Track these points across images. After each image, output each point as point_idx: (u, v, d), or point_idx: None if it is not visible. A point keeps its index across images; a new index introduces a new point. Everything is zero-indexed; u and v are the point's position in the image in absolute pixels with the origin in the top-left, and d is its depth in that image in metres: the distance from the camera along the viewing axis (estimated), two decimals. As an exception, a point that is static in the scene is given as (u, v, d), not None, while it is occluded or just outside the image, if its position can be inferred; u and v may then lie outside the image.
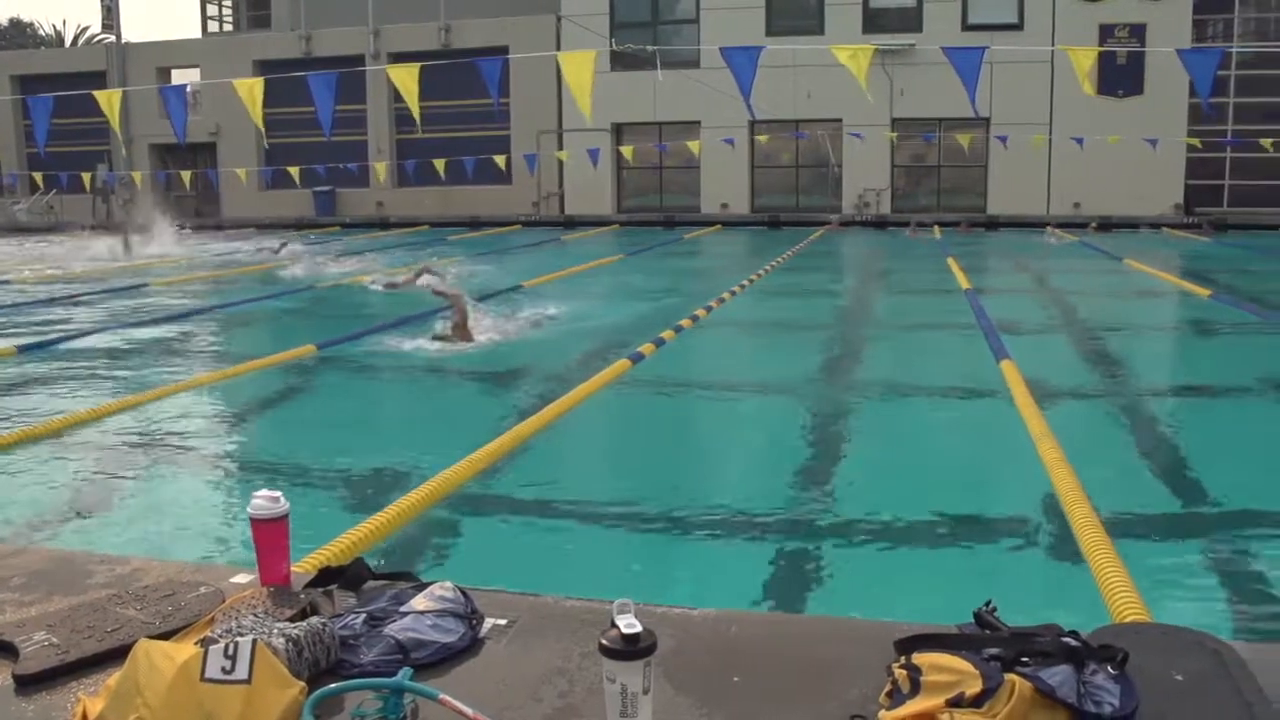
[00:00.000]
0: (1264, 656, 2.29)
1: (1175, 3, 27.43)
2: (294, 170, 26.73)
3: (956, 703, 1.86)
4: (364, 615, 2.44)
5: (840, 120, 28.13)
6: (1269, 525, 5.06)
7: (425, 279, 13.47)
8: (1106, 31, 27.57)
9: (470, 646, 2.38)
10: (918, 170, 30.42)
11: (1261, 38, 29.74)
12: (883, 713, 1.95)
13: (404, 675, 2.12)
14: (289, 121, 28.02)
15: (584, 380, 8.02)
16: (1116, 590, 3.76)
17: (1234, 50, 26.96)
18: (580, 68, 11.42)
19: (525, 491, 5.78)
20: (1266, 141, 24.78)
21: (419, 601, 2.48)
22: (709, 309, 12.20)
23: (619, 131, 30.75)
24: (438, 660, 2.30)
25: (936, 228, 26.34)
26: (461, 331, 10.02)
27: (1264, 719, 1.94)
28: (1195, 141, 26.47)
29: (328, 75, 11.46)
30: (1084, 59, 12.25)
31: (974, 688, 1.88)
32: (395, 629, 2.37)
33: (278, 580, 2.66)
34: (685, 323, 10.99)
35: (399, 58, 28.93)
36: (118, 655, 2.18)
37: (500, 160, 26.78)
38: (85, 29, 52.18)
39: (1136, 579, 3.90)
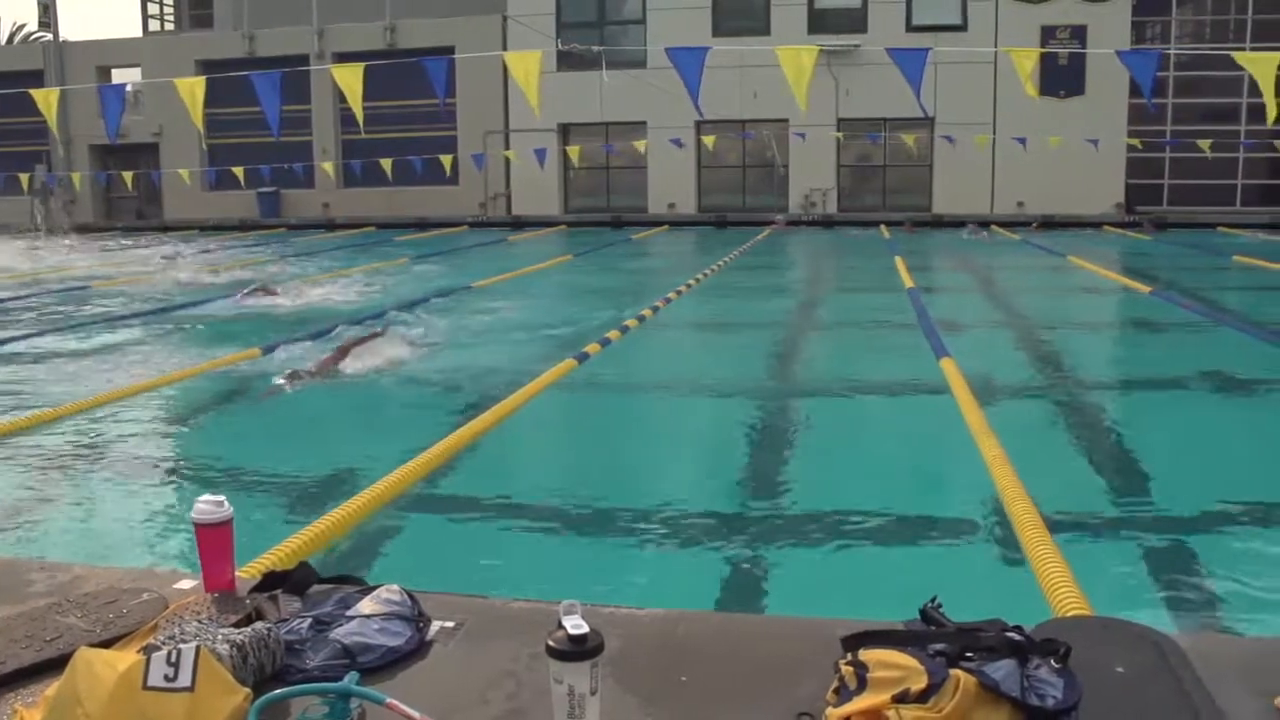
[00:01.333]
0: (1203, 647, 2.33)
1: (1115, 5, 27.85)
2: (238, 171, 26.41)
3: (902, 698, 1.88)
4: (310, 620, 2.41)
5: (787, 120, 28.23)
6: (1207, 518, 5.15)
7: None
8: (1048, 33, 27.93)
9: (417, 650, 2.37)
10: (864, 170, 30.63)
11: (1197, 40, 30.27)
12: (829, 710, 1.96)
13: (350, 679, 2.10)
14: (233, 122, 27.74)
15: (529, 381, 7.99)
16: (1057, 585, 3.81)
17: (1172, 52, 27.42)
18: (527, 67, 11.39)
19: (472, 493, 5.76)
20: (1204, 143, 25.23)
21: (365, 605, 2.46)
22: (655, 309, 12.22)
23: (566, 132, 30.70)
24: (385, 664, 2.29)
25: (882, 226, 26.62)
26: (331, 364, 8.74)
27: (1203, 708, 1.98)
28: (1136, 142, 26.89)
29: (272, 75, 11.33)
30: (1026, 60, 12.41)
31: (919, 683, 1.89)
32: (341, 633, 2.35)
33: (222, 586, 2.63)
34: (631, 323, 11.00)
35: (343, 57, 28.67)
36: (57, 665, 2.14)
37: (447, 161, 26.65)
38: (21, 26, 51.07)
39: (1077, 573, 3.95)
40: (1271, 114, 9.46)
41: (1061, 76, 27.33)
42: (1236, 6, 29.21)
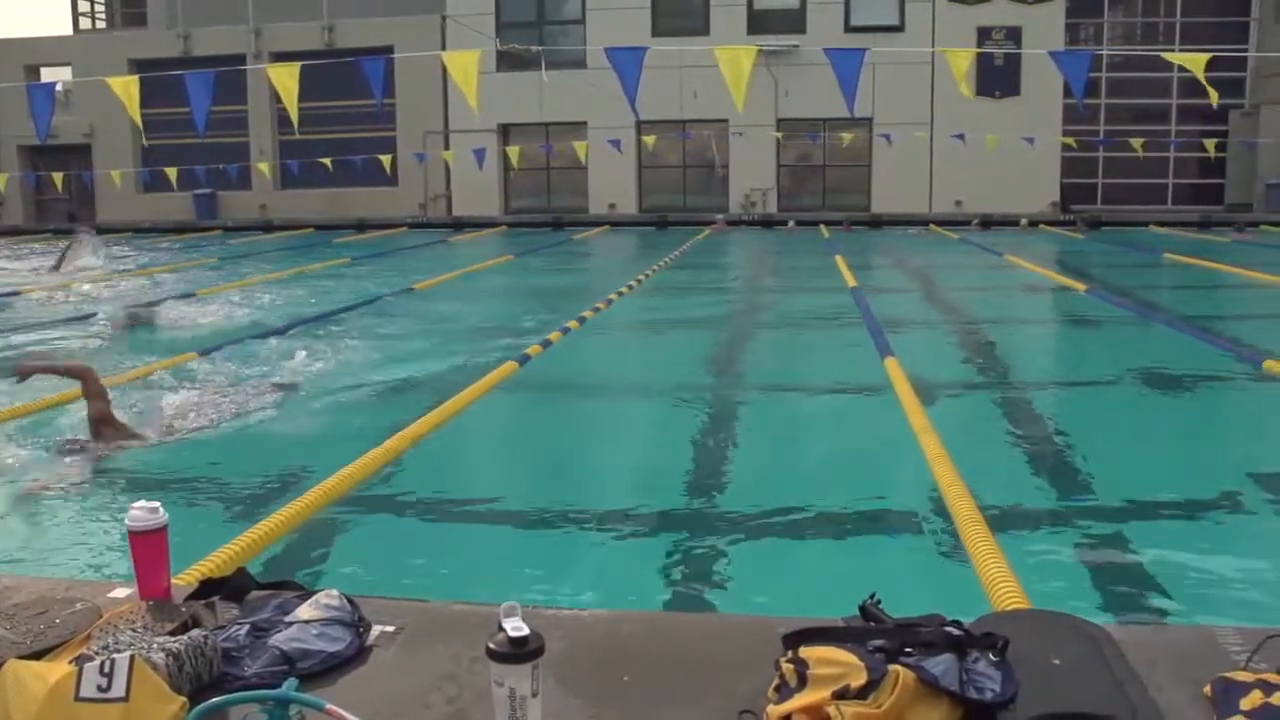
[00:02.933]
0: (1136, 638, 2.38)
1: (1049, 6, 28.27)
2: (172, 172, 25.99)
3: (842, 695, 1.90)
4: (248, 626, 2.39)
5: (726, 120, 28.33)
6: (1142, 511, 5.24)
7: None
8: (984, 34, 28.28)
9: (358, 654, 2.35)
10: (803, 169, 30.82)
11: (1129, 41, 30.84)
12: (771, 707, 1.97)
13: (289, 686, 2.08)
14: (168, 122, 27.25)
15: (470, 384, 7.95)
16: (997, 579, 3.85)
17: (1105, 53, 27.89)
18: (466, 67, 11.33)
19: (413, 496, 5.71)
20: (1136, 142, 25.69)
21: (304, 610, 2.44)
22: (597, 310, 12.21)
23: (506, 132, 30.59)
24: (324, 669, 2.27)
25: (823, 226, 26.85)
26: (107, 428, 6.50)
27: (1135, 697, 2.02)
28: (1070, 141, 27.30)
29: (205, 74, 11.16)
30: (961, 60, 12.56)
31: (859, 679, 1.91)
32: (280, 639, 2.33)
33: (157, 594, 2.60)
34: (573, 324, 10.98)
35: (280, 57, 28.34)
36: (-14, 678, 2.09)
37: (386, 161, 26.45)
38: (-53, 25, 50.07)
39: (1016, 567, 4.00)
40: (1214, 95, 9.79)
41: (997, 77, 27.70)
42: (1166, 9, 29.80)
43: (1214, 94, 9.77)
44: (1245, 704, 1.92)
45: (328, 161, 25.53)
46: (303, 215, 30.87)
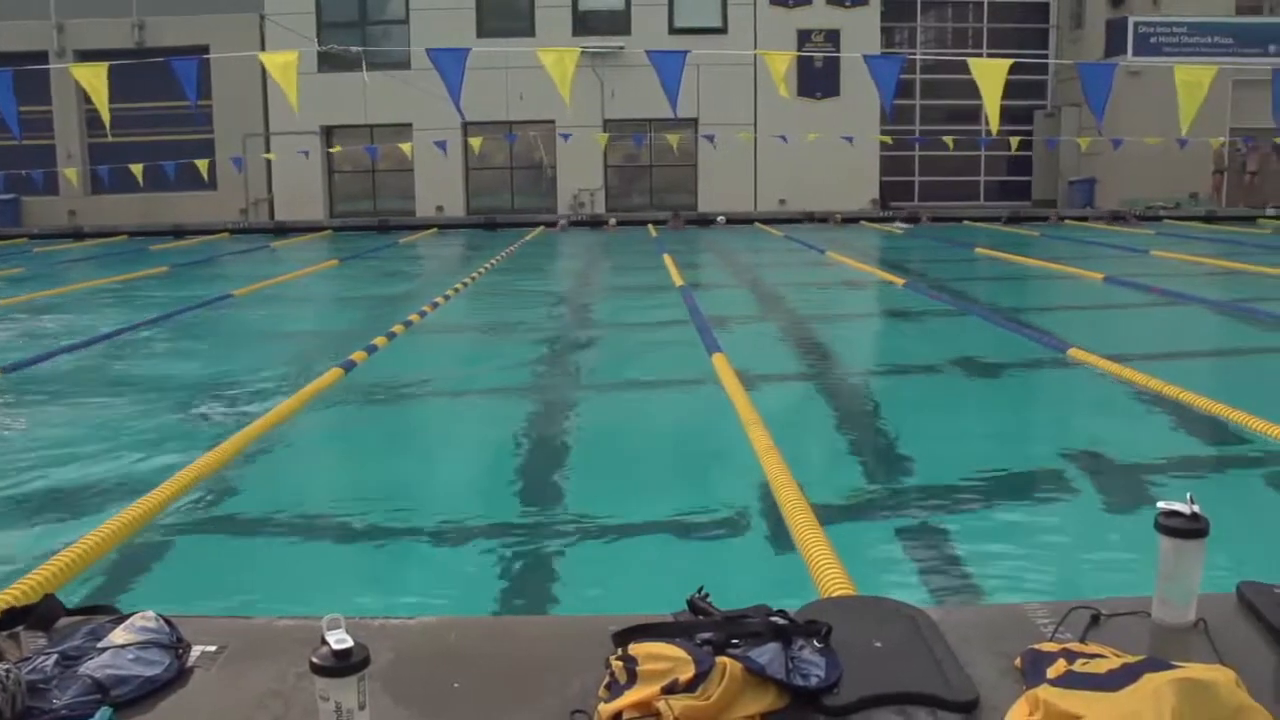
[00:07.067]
0: (952, 617, 2.48)
1: (865, 11, 29.17)
2: (-32, 178, 24.58)
3: (671, 689, 1.92)
4: (55, 655, 2.27)
5: (553, 121, 28.35)
6: (959, 495, 5.46)
7: None
8: (804, 36, 29.02)
9: (177, 677, 2.26)
10: (630, 170, 31.07)
11: (940, 45, 32.09)
12: (601, 706, 1.98)
13: (103, 715, 2.00)
14: (-40, 125, 25.83)
15: (292, 393, 7.75)
16: (823, 567, 3.96)
17: (918, 57, 28.95)
18: (285, 68, 11.06)
19: (234, 513, 5.53)
20: (949, 140, 26.75)
21: (118, 635, 2.34)
22: (423, 314, 12.06)
23: (329, 134, 29.96)
24: (142, 695, 2.18)
25: (650, 225, 27.14)
26: None
27: (951, 674, 2.10)
28: (887, 140, 28.22)
29: (4, 73, 10.61)
30: (780, 63, 12.85)
31: (687, 673, 1.94)
32: (92, 667, 2.22)
33: (-46, 627, 2.45)
34: (398, 329, 10.81)
35: (87, 56, 27.11)
36: None
37: (204, 165, 25.54)
38: None
39: (842, 554, 4.12)
40: (995, 123, 10.12)
41: (818, 78, 28.47)
42: (974, 16, 31.14)
43: (995, 124, 10.18)
44: (1051, 672, 2.02)
45: (139, 168, 24.40)
46: (116, 222, 29.60)
